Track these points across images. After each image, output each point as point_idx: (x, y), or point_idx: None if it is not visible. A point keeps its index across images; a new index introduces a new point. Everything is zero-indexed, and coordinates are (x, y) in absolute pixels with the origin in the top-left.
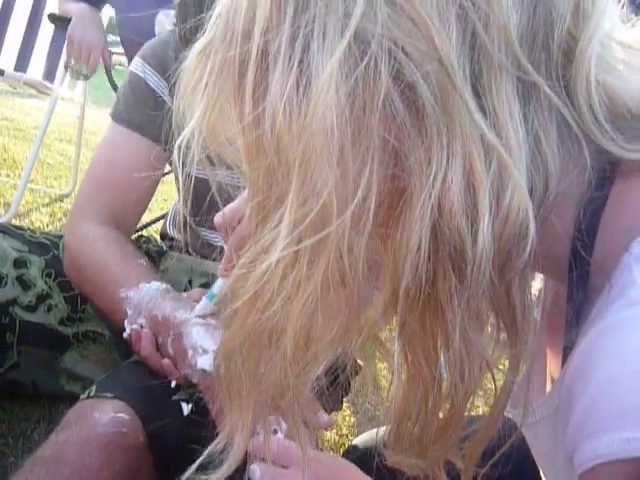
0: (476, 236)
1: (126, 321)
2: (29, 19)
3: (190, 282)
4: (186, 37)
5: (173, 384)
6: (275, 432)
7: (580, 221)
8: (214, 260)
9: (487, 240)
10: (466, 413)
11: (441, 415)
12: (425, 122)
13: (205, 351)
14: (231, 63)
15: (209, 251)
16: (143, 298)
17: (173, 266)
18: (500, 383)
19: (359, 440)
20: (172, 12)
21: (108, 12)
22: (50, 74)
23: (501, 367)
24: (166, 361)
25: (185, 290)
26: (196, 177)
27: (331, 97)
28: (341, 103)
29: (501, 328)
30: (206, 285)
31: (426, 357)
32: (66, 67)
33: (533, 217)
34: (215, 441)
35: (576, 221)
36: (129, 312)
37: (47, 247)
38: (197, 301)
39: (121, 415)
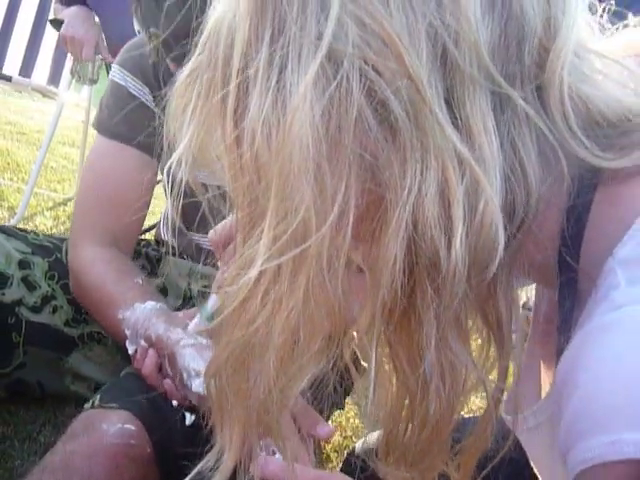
0: (450, 248)
1: (127, 341)
2: (33, 24)
3: (189, 286)
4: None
5: (175, 403)
6: (274, 453)
7: (564, 228)
8: (206, 264)
9: (461, 252)
10: (470, 415)
11: (430, 425)
12: (399, 137)
13: (197, 374)
14: (215, 86)
15: (202, 255)
16: (138, 319)
17: (172, 270)
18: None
19: (360, 443)
20: None
21: None
22: (55, 78)
23: (491, 377)
24: (167, 381)
25: (184, 294)
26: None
27: (306, 115)
28: (316, 121)
29: (490, 338)
30: (206, 288)
31: (411, 367)
32: (72, 73)
33: (503, 229)
34: (205, 458)
35: (560, 228)
36: (127, 332)
37: (50, 250)
38: (191, 320)
39: (128, 426)
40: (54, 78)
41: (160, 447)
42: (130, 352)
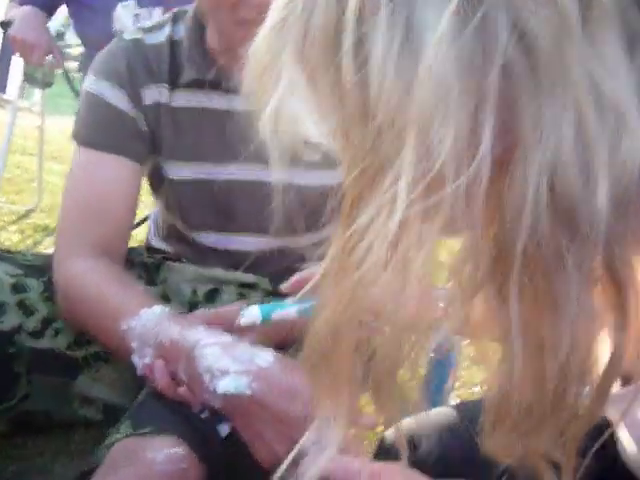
0: (592, 191)
1: (134, 356)
2: None
3: (195, 291)
4: None
5: (204, 415)
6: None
7: None
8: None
9: (603, 196)
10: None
11: (550, 393)
12: (539, 73)
13: (224, 373)
14: (320, 29)
15: (202, 257)
16: (146, 325)
17: (173, 277)
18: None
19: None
20: (131, 2)
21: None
22: (0, 84)
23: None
24: (181, 390)
25: (189, 300)
26: (188, 178)
27: (445, 52)
28: (456, 58)
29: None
30: (214, 292)
31: (534, 325)
32: (25, 77)
33: None
34: (305, 435)
35: None
36: (134, 345)
37: (42, 269)
38: (206, 321)
39: (176, 450)
40: (0, 84)
41: (207, 465)
42: (139, 368)
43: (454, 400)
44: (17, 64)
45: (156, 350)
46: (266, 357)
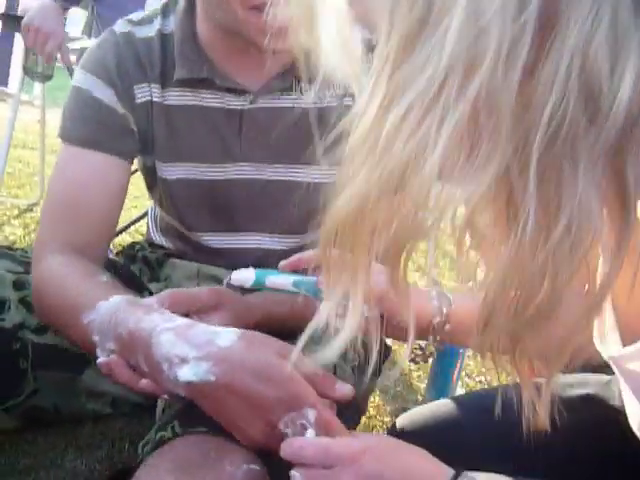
0: (617, 79)
1: (98, 350)
2: None
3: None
4: None
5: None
6: (304, 428)
7: None
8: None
9: (627, 85)
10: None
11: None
12: None
13: (184, 360)
14: None
15: (204, 256)
16: (104, 317)
17: (176, 274)
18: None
19: (402, 420)
20: None
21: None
22: (1, 78)
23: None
24: (144, 382)
25: None
26: (182, 178)
27: None
28: None
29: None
30: None
31: (544, 208)
32: (24, 69)
33: None
34: (314, 320)
35: None
36: (95, 338)
37: None
38: (170, 301)
39: (253, 467)
40: (1, 78)
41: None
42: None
43: (460, 390)
44: (18, 57)
45: (116, 343)
46: (227, 335)
